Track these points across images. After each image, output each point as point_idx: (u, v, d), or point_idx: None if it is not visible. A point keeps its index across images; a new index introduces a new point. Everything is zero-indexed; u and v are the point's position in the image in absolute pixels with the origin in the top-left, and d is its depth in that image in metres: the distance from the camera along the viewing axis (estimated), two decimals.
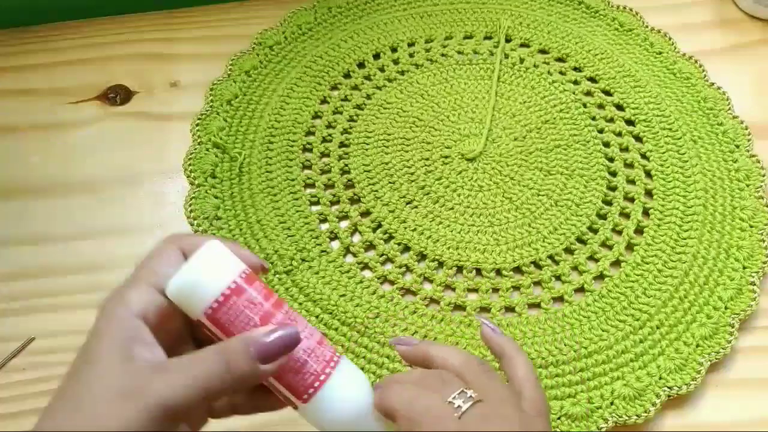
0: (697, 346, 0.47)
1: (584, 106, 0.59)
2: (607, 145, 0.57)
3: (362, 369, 0.46)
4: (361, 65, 0.62)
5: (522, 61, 0.62)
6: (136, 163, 0.56)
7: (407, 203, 0.54)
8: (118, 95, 0.60)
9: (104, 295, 0.50)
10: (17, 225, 0.53)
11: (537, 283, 0.51)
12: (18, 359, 0.47)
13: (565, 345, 0.47)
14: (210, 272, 0.30)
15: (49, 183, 0.55)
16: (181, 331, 0.33)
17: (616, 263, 0.51)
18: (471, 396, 0.33)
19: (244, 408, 0.35)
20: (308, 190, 0.55)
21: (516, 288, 0.50)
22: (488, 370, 0.36)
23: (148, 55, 0.63)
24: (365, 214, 0.53)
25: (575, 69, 0.62)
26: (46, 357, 0.47)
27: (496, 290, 0.50)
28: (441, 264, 0.51)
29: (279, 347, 0.30)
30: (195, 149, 0.55)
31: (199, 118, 0.57)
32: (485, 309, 0.49)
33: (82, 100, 0.60)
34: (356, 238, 0.52)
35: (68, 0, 0.63)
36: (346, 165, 0.56)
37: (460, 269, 0.51)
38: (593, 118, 0.59)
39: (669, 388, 0.45)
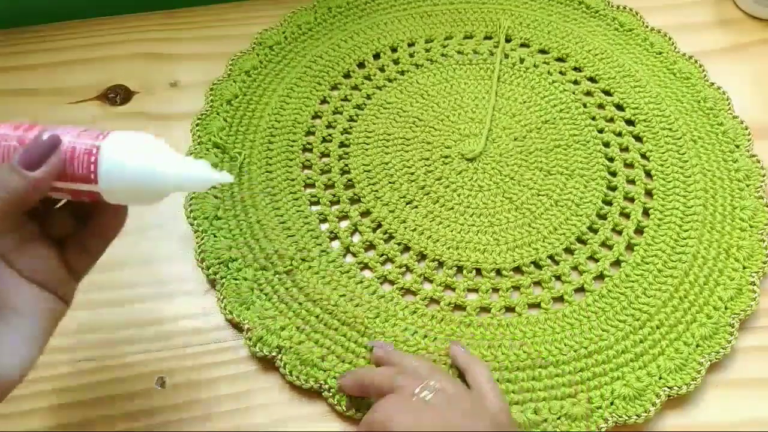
0: (697, 346, 0.47)
1: (584, 106, 0.59)
2: (607, 145, 0.57)
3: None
4: (361, 65, 0.62)
5: (522, 61, 0.62)
6: None
7: (407, 203, 0.54)
8: (118, 95, 0.60)
9: (104, 294, 0.50)
10: None
11: (537, 283, 0.51)
12: None
13: (565, 345, 0.47)
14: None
15: None
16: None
17: (616, 263, 0.52)
18: (435, 386, 0.40)
19: (90, 245, 0.36)
20: (308, 190, 0.55)
21: (516, 288, 0.50)
22: (445, 373, 0.44)
23: (148, 55, 0.63)
24: (365, 214, 0.54)
25: (575, 69, 0.62)
26: (46, 357, 0.47)
27: (496, 290, 0.50)
28: (441, 264, 0.51)
29: (38, 148, 0.32)
30: (195, 149, 0.55)
31: (199, 118, 0.57)
32: (485, 309, 0.49)
33: (82, 100, 0.60)
34: (356, 238, 0.52)
35: (68, 0, 0.63)
36: (346, 165, 0.56)
37: (460, 269, 0.51)
38: (593, 118, 0.59)
39: (669, 388, 0.45)
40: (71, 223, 0.36)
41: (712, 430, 0.45)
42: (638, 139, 0.58)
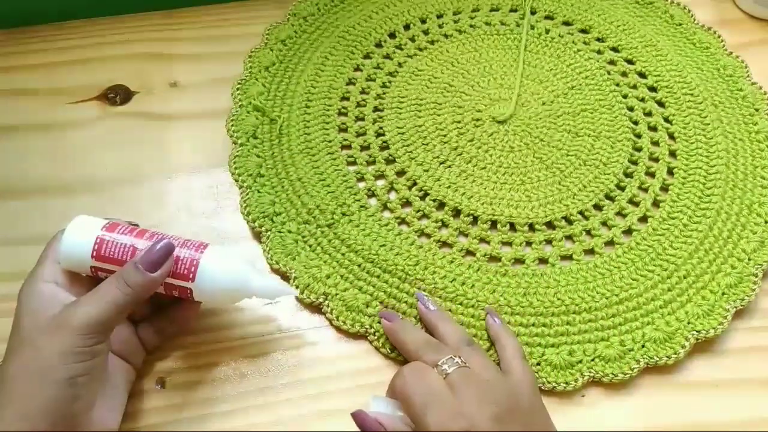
0: (723, 293, 0.49)
1: (608, 73, 0.62)
2: (631, 109, 0.60)
3: (404, 313, 0.48)
4: (392, 35, 0.64)
5: (547, 32, 0.64)
6: (136, 163, 0.56)
7: (441, 163, 0.56)
8: (118, 95, 0.60)
9: None
10: (17, 225, 0.53)
11: (569, 237, 0.53)
12: None
13: (597, 293, 0.49)
14: (78, 236, 0.41)
15: (49, 183, 0.55)
16: (92, 286, 0.41)
17: (643, 219, 0.54)
18: (457, 362, 0.41)
19: (164, 328, 0.45)
20: (345, 152, 0.57)
21: (548, 242, 0.53)
22: (477, 349, 0.44)
23: (148, 55, 0.63)
24: (400, 173, 0.56)
25: (598, 40, 0.64)
26: None
27: (529, 244, 0.52)
28: (476, 219, 0.53)
29: (158, 254, 0.40)
30: (236, 111, 0.57)
31: (239, 83, 0.59)
32: (519, 261, 0.52)
33: (82, 100, 0.60)
34: (393, 195, 0.55)
35: (68, 0, 0.64)
36: (381, 128, 0.58)
37: (494, 224, 0.53)
38: (617, 85, 0.61)
39: (697, 332, 0.47)
40: (149, 309, 0.45)
41: (712, 430, 0.45)
42: (661, 104, 0.60)
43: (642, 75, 0.62)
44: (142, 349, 0.45)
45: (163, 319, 0.45)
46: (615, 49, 0.64)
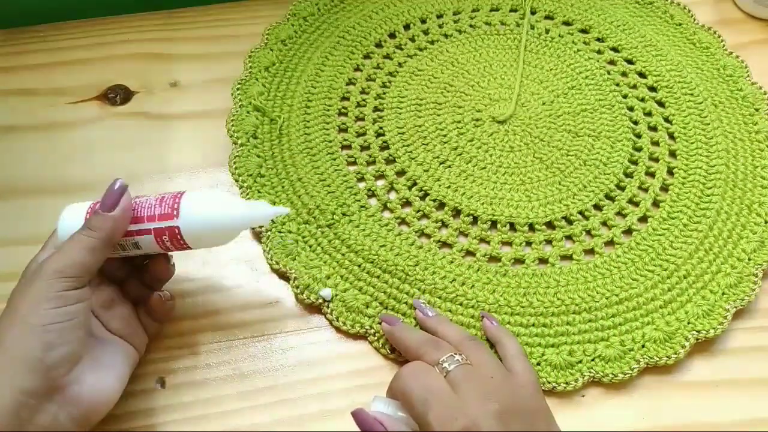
0: (723, 293, 0.49)
1: (608, 73, 0.62)
2: (631, 109, 0.60)
3: (403, 314, 0.48)
4: (392, 35, 0.64)
5: (547, 31, 0.64)
6: (136, 163, 0.56)
7: (441, 163, 0.56)
8: (118, 95, 0.60)
9: None
10: (17, 225, 0.53)
11: (568, 237, 0.53)
12: None
13: (597, 293, 0.49)
14: (71, 220, 0.42)
15: (49, 183, 0.55)
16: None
17: (643, 219, 0.54)
18: (458, 359, 0.40)
19: (151, 310, 0.45)
20: (345, 152, 0.57)
21: (548, 242, 0.53)
22: (479, 344, 0.43)
23: (148, 55, 0.63)
24: (400, 173, 0.56)
25: (598, 40, 0.64)
26: None
27: (529, 244, 0.52)
28: (476, 219, 0.53)
29: (113, 193, 0.41)
30: (236, 111, 0.57)
31: (239, 83, 0.59)
32: (519, 261, 0.52)
33: (82, 100, 0.60)
34: (393, 195, 0.55)
35: (68, 0, 0.64)
36: (381, 128, 0.58)
37: (494, 224, 0.53)
38: (617, 85, 0.61)
39: (697, 332, 0.48)
40: (144, 291, 0.45)
41: (712, 430, 0.45)
42: (661, 104, 0.60)
43: (642, 75, 0.62)
44: (143, 331, 0.45)
45: (144, 276, 0.45)
46: (615, 49, 0.64)
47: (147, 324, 0.45)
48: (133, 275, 0.45)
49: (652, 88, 0.61)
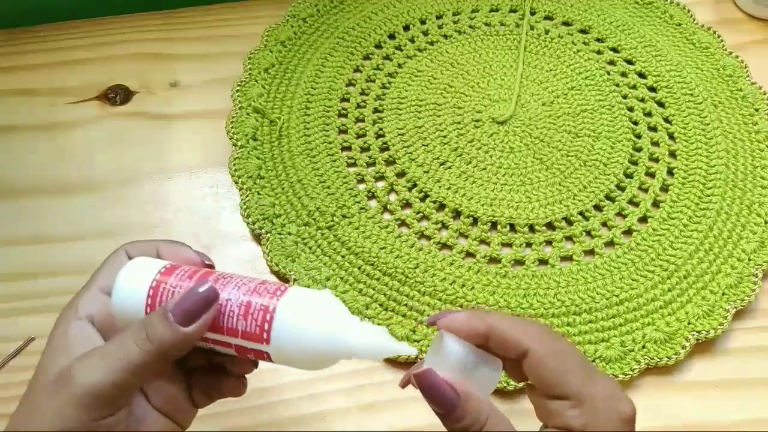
0: (723, 294, 0.49)
1: (608, 74, 0.62)
2: (631, 109, 0.60)
3: (403, 316, 0.48)
4: (391, 36, 0.64)
5: (547, 32, 0.64)
6: (136, 163, 0.56)
7: (441, 164, 0.56)
8: (118, 95, 0.60)
9: None
10: (17, 225, 0.53)
11: (569, 238, 0.53)
12: (18, 359, 0.47)
13: (597, 293, 0.49)
14: (131, 288, 0.32)
15: (49, 183, 0.55)
16: None
17: (643, 219, 0.54)
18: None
19: (210, 388, 0.36)
20: (345, 153, 0.57)
21: (548, 243, 0.53)
22: (561, 337, 0.35)
23: (148, 55, 0.63)
24: (400, 174, 0.56)
25: (598, 40, 0.64)
26: None
27: (529, 245, 0.52)
28: (476, 220, 0.53)
29: (195, 302, 0.30)
30: (236, 113, 0.57)
31: (239, 85, 0.59)
32: (519, 262, 0.52)
33: (82, 100, 0.60)
34: (393, 197, 0.55)
35: (68, 0, 0.64)
36: (381, 129, 0.58)
37: (494, 225, 0.53)
38: (617, 85, 0.61)
39: (698, 332, 0.48)
40: (204, 360, 0.36)
41: (712, 430, 0.45)
42: (661, 104, 0.60)
43: (642, 75, 0.62)
44: (189, 406, 0.35)
45: (214, 382, 0.36)
46: (614, 50, 0.64)
47: (199, 400, 0.36)
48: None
49: (652, 89, 0.61)
